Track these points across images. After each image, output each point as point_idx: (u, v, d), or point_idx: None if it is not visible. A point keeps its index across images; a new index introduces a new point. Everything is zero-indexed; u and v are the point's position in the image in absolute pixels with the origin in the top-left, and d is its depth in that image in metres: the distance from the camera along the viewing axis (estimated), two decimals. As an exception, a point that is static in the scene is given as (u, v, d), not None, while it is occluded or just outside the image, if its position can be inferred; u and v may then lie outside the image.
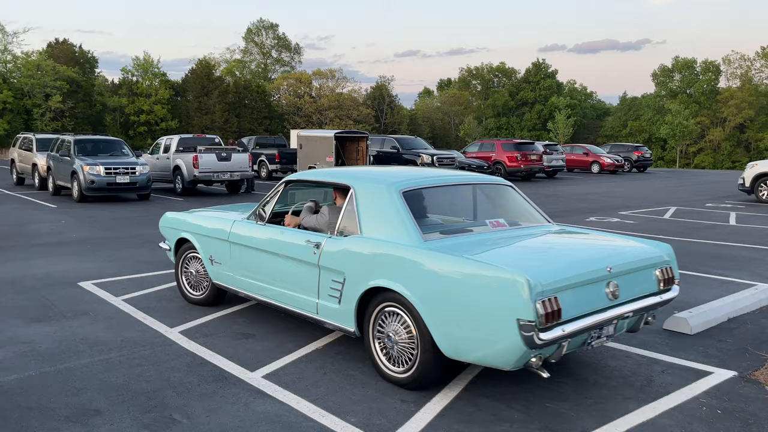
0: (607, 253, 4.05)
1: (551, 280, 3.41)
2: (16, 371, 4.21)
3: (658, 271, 4.11)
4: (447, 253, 3.75)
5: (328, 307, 4.37)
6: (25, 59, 49.86)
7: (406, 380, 3.95)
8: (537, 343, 3.29)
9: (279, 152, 24.42)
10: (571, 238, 4.56)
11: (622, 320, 3.86)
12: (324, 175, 5.02)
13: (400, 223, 4.04)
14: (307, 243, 4.51)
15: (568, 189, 21.61)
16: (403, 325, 3.93)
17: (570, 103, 73.58)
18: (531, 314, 3.25)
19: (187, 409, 3.68)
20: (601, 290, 3.69)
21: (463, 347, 3.61)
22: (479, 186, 4.93)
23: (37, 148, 18.41)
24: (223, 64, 67.79)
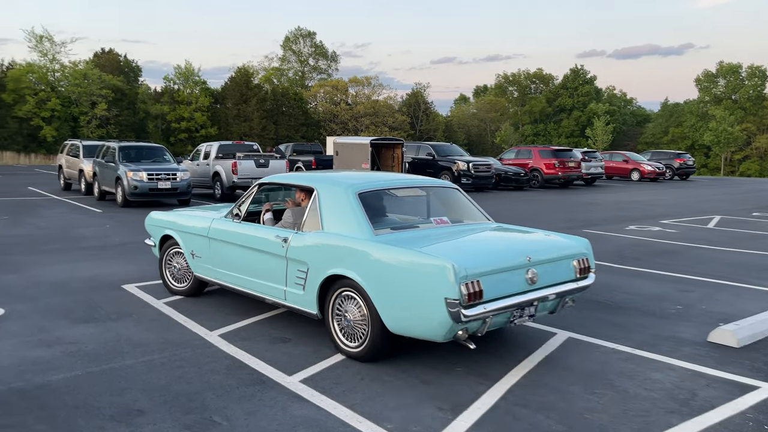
0: (529, 246, 4.79)
1: (474, 266, 4.07)
2: (63, 371, 4.35)
3: (575, 262, 4.82)
4: (392, 245, 4.40)
5: (295, 294, 4.97)
6: (72, 68, 51.56)
7: (359, 354, 4.57)
8: (462, 319, 3.96)
9: (315, 159, 24.66)
10: (502, 234, 5.24)
11: (542, 302, 4.53)
12: (291, 179, 5.65)
13: (354, 220, 4.68)
14: (277, 238, 5.12)
15: (607, 197, 21.22)
16: (357, 307, 4.55)
17: (609, 109, 72.37)
18: (456, 294, 3.91)
19: (226, 411, 3.74)
20: (521, 276, 4.36)
21: (404, 324, 4.26)
22: (429, 189, 5.67)
23: (84, 154, 19.00)
24: (261, 72, 68.89)
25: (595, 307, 6.35)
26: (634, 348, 5.04)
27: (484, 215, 5.54)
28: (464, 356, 4.77)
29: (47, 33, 51.43)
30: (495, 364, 4.62)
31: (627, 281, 7.58)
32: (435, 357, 4.74)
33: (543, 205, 17.84)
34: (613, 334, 5.43)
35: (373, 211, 4.83)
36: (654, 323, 5.79)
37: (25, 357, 4.60)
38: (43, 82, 49.85)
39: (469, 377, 4.35)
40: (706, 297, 6.82)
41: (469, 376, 4.38)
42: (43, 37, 51.06)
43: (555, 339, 5.25)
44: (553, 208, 16.76)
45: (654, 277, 7.84)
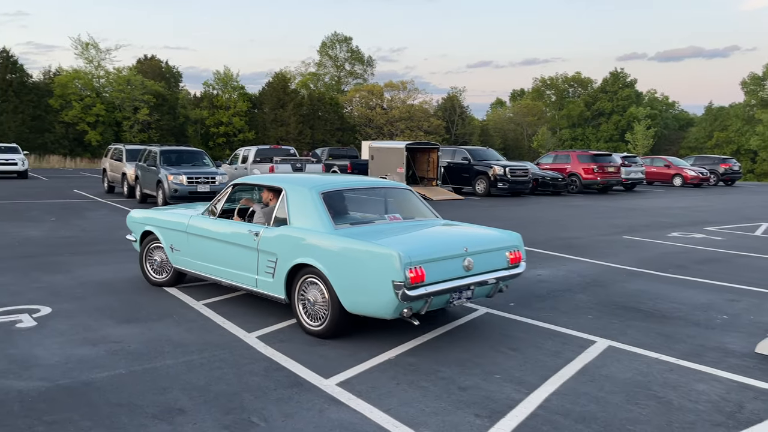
0: (467, 239, 5.45)
1: (417, 255, 4.74)
2: (107, 369, 4.47)
3: (508, 253, 5.52)
4: (350, 237, 5.06)
5: (265, 281, 5.60)
6: (116, 75, 53.07)
7: (321, 332, 5.21)
8: (406, 298, 4.62)
9: (351, 163, 24.79)
10: (446, 229, 5.87)
11: (478, 287, 5.19)
12: (262, 180, 6.32)
13: (317, 216, 5.34)
14: (249, 232, 5.75)
15: (649, 203, 20.74)
16: (319, 291, 5.19)
17: (650, 113, 70.78)
18: (401, 277, 4.57)
19: (264, 413, 3.78)
20: (458, 264, 5.01)
21: (359, 305, 4.91)
22: (385, 190, 6.35)
23: (126, 158, 19.51)
24: (298, 77, 69.67)
25: (637, 315, 6.21)
26: (679, 358, 4.90)
27: (433, 213, 6.23)
28: (502, 364, 4.72)
29: (93, 40, 53.06)
30: (533, 371, 4.56)
31: (671, 289, 7.39)
32: (472, 364, 4.70)
33: (580, 210, 17.54)
34: (656, 343, 5.29)
35: (334, 209, 5.49)
36: (699, 333, 5.63)
37: (72, 355, 4.74)
38: (88, 88, 51.43)
39: (506, 384, 4.30)
40: (753, 307, 6.60)
41: (506, 383, 4.32)
42: (89, 45, 52.70)
43: (594, 347, 5.14)
44: (591, 214, 16.46)
45: (699, 286, 7.62)
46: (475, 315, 6.08)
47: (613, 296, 7.01)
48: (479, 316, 6.04)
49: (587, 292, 7.22)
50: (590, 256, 9.67)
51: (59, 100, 49.47)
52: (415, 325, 4.68)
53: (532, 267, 8.67)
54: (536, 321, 5.92)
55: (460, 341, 5.25)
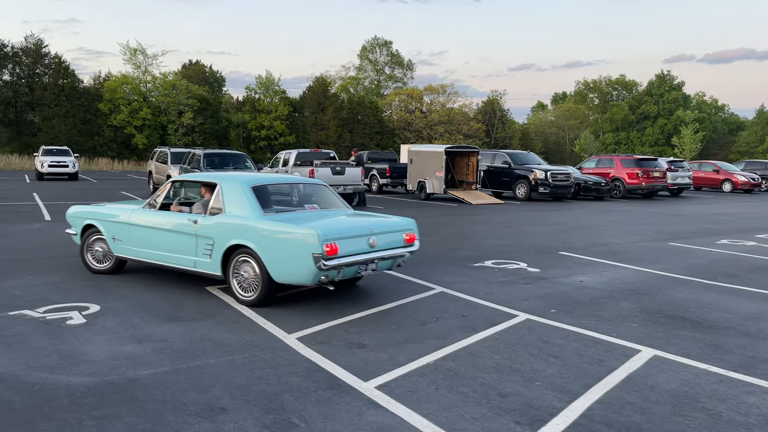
0: (372, 223, 6.58)
1: (332, 233, 5.90)
2: (152, 366, 4.58)
3: (405, 234, 6.73)
4: (277, 222, 6.19)
5: (203, 262, 6.58)
6: (162, 79, 54.56)
7: (253, 301, 6.24)
8: (323, 268, 5.75)
9: (390, 167, 24.81)
10: (355, 216, 7.02)
11: (381, 261, 6.37)
12: (198, 177, 7.57)
13: (249, 205, 6.39)
14: (188, 221, 6.73)
15: (696, 209, 20.13)
16: (251, 267, 6.22)
17: (698, 116, 68.84)
18: (320, 251, 5.71)
19: (304, 414, 3.81)
20: (365, 242, 6.20)
21: (286, 275, 5.99)
22: (304, 185, 7.65)
23: (171, 161, 20.02)
24: (338, 81, 70.29)
25: (684, 324, 6.03)
26: (728, 370, 4.74)
27: (344, 204, 7.44)
28: (542, 371, 4.65)
29: (141, 46, 54.83)
30: (575, 379, 4.47)
31: (719, 299, 7.16)
32: (512, 370, 4.65)
33: (624, 216, 17.15)
34: (704, 354, 5.13)
35: (262, 199, 6.54)
36: (750, 344, 5.42)
37: (119, 352, 4.88)
38: (135, 93, 53.02)
39: (547, 391, 4.23)
40: (809, 318, 6.32)
41: (547, 390, 4.25)
42: (137, 51, 54.37)
43: (639, 356, 5.01)
44: (635, 220, 16.07)
45: (750, 295, 7.35)
46: (515, 321, 6.01)
47: (658, 304, 6.82)
48: (519, 322, 5.96)
49: (631, 299, 7.04)
50: (634, 262, 9.44)
51: (108, 105, 51.16)
52: (331, 289, 6.37)
53: (574, 273, 8.51)
54: (578, 328, 5.80)
55: (500, 347, 5.20)
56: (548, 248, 10.74)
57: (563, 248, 10.75)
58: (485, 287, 7.48)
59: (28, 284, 7.17)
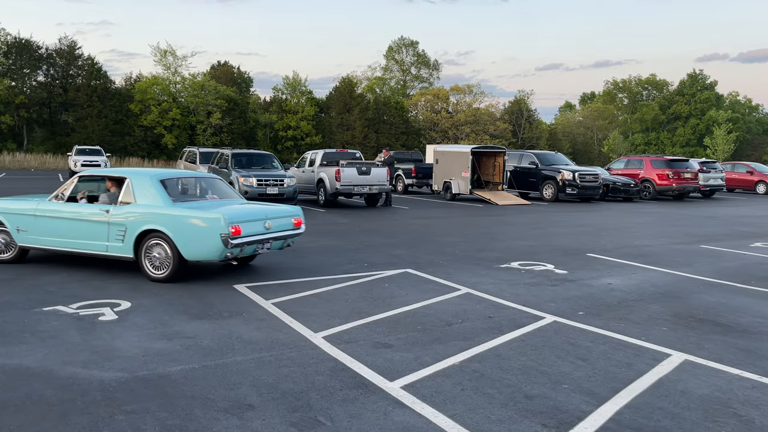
0: (267, 210, 7.88)
1: (235, 217, 7.14)
2: (182, 363, 4.66)
3: (293, 219, 8.04)
4: (187, 209, 7.33)
5: (115, 246, 7.49)
6: (191, 80, 55.31)
7: (165, 277, 7.27)
8: (229, 246, 6.98)
9: (415, 167, 24.79)
10: (251, 204, 8.35)
11: (274, 241, 7.66)
12: (105, 172, 8.36)
13: (159, 196, 7.44)
14: (100, 210, 7.62)
15: (728, 211, 19.69)
16: (163, 249, 7.27)
17: (731, 117, 67.34)
18: (226, 231, 6.94)
19: (330, 412, 3.83)
20: (261, 225, 7.48)
21: (196, 254, 7.17)
22: (204, 179, 8.77)
23: (200, 160, 20.28)
24: (364, 82, 70.40)
25: (716, 329, 5.91)
26: (762, 375, 4.63)
27: (239, 195, 8.74)
28: (570, 374, 4.60)
29: (171, 48, 55.55)
30: (603, 382, 4.42)
31: (753, 303, 6.99)
32: (538, 372, 4.61)
33: (654, 217, 16.85)
34: (737, 359, 5.02)
35: (170, 190, 7.61)
36: (785, 350, 5.29)
37: (149, 348, 4.97)
38: (165, 94, 53.86)
39: (574, 395, 4.18)
40: None
41: (574, 393, 4.21)
42: (167, 52, 55.19)
43: (669, 360, 4.93)
44: (666, 222, 15.79)
45: (784, 300, 7.17)
46: (542, 323, 5.96)
47: (689, 308, 6.70)
48: (546, 324, 5.91)
49: (661, 302, 6.93)
50: (664, 265, 9.28)
51: (139, 105, 52.08)
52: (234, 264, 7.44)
53: (602, 275, 8.41)
54: (606, 331, 5.73)
55: (526, 349, 5.16)
56: (576, 250, 10.62)
57: (591, 250, 10.62)
58: (511, 288, 7.43)
59: (62, 281, 7.35)
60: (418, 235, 12.28)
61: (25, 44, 50.51)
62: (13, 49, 50.34)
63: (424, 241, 11.31)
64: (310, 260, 9.09)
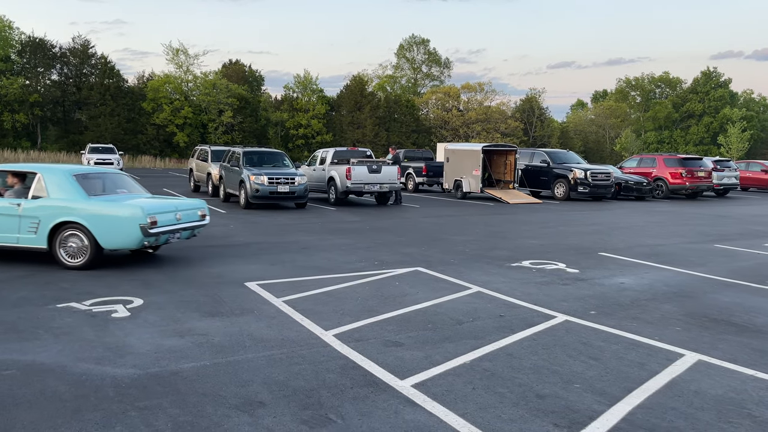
0: (177, 203, 8.57)
1: (152, 209, 7.83)
2: (193, 360, 4.68)
3: (199, 211, 8.82)
4: (104, 201, 7.94)
5: (27, 238, 7.88)
6: (203, 79, 55.58)
7: (81, 266, 7.78)
8: (147, 235, 7.67)
9: (426, 165, 24.74)
10: (160, 198, 8.85)
11: (184, 231, 8.36)
12: (12, 167, 8.62)
13: (74, 190, 7.90)
14: (10, 204, 7.95)
15: (742, 210, 19.49)
16: (79, 239, 7.77)
17: (746, 115, 66.65)
18: (145, 222, 7.62)
19: (341, 410, 3.84)
20: (173, 217, 8.17)
21: (115, 242, 7.77)
22: (113, 174, 9.16)
23: (212, 158, 20.37)
24: (375, 80, 70.37)
25: (730, 329, 5.85)
26: (777, 376, 4.58)
27: (145, 190, 9.21)
28: (582, 373, 4.57)
29: (183, 47, 55.92)
30: (615, 382, 4.39)
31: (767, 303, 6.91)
32: (550, 372, 4.59)
33: (667, 216, 16.72)
34: (752, 359, 4.96)
35: (83, 185, 8.01)
36: (800, 351, 5.22)
37: (161, 345, 5.00)
38: (177, 92, 54.15)
39: (586, 394, 4.16)
40: None
41: (586, 393, 4.19)
42: (179, 51, 55.49)
43: (683, 360, 4.89)
44: (679, 221, 15.65)
45: (800, 300, 7.08)
46: (553, 322, 5.93)
47: (702, 308, 6.64)
48: (557, 324, 5.88)
49: (674, 302, 6.87)
50: (677, 264, 9.20)
51: (151, 104, 52.42)
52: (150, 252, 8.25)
53: (614, 274, 8.35)
54: (618, 330, 5.69)
55: (537, 348, 5.13)
56: (587, 249, 10.55)
57: (603, 249, 10.55)
58: (523, 287, 7.40)
59: (75, 278, 7.42)
60: (429, 233, 12.27)
61: (39, 43, 50.96)
62: (27, 48, 50.83)
63: (435, 240, 11.29)
64: (320, 258, 9.10)
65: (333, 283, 7.41)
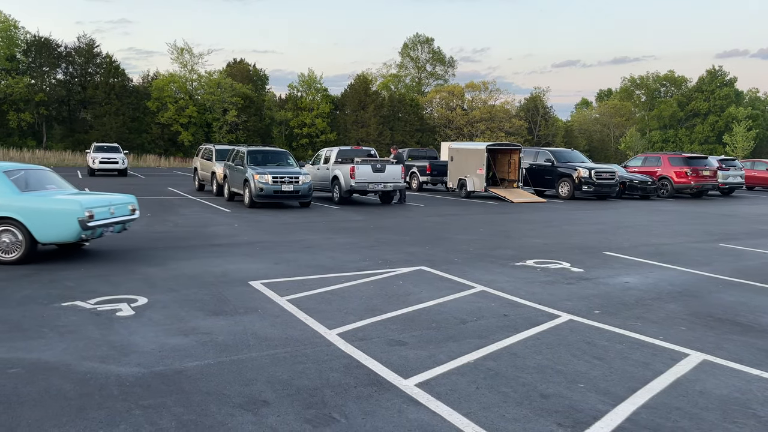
0: (110, 197, 8.87)
1: (89, 204, 8.10)
2: (197, 358, 4.69)
3: (130, 206, 9.10)
4: (39, 197, 8.19)
5: None
6: (208, 78, 55.64)
7: (15, 260, 7.95)
8: (85, 228, 7.92)
9: (430, 164, 24.73)
10: (92, 194, 9.09)
11: (116, 225, 8.67)
12: None
13: (5, 186, 8.04)
14: None
15: (748, 209, 19.41)
16: (13, 234, 7.95)
17: (751, 113, 66.34)
18: (84, 215, 7.89)
19: (344, 409, 3.84)
20: (108, 211, 8.48)
21: (52, 237, 8.02)
22: (41, 171, 9.26)
23: (216, 158, 20.40)
24: (379, 79, 70.33)
25: (735, 329, 5.82)
26: (782, 376, 4.56)
27: (72, 185, 9.42)
28: (586, 373, 4.56)
29: (187, 46, 55.92)
30: (619, 382, 4.37)
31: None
32: (554, 371, 4.58)
33: (671, 215, 16.66)
34: (756, 359, 4.94)
35: (15, 181, 8.16)
36: (806, 351, 5.20)
37: (165, 343, 5.01)
38: (182, 91, 54.24)
39: (590, 394, 4.15)
40: None
41: (590, 393, 4.18)
42: (184, 50, 55.56)
43: (687, 360, 4.87)
44: (684, 220, 15.60)
45: (805, 300, 7.04)
46: (558, 321, 5.91)
47: (707, 307, 6.61)
48: (562, 323, 5.87)
49: (679, 301, 6.84)
50: (682, 264, 9.17)
51: (156, 103, 52.52)
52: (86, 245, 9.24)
53: (619, 274, 8.33)
54: (623, 330, 5.68)
55: (541, 347, 5.13)
56: (592, 248, 10.53)
57: (608, 248, 10.52)
58: (527, 287, 7.39)
59: (80, 276, 7.44)
60: (433, 232, 12.26)
61: (44, 43, 51.10)
62: (32, 47, 50.96)
63: (439, 239, 11.28)
64: (324, 257, 9.10)
65: (337, 282, 7.42)
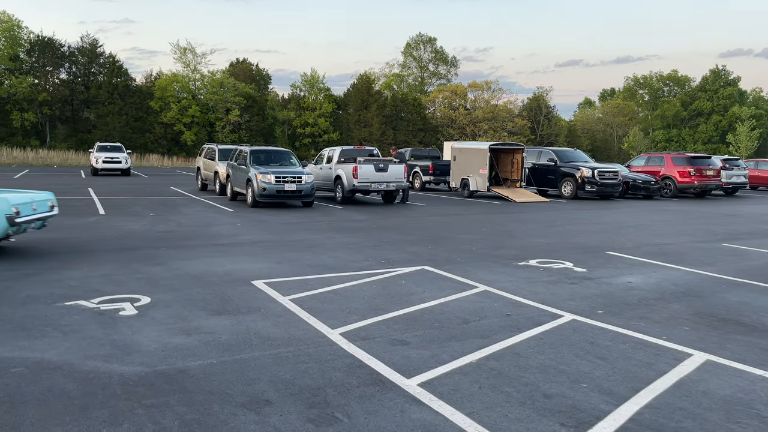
0: (32, 195, 8.93)
1: (15, 201, 8.24)
2: (200, 358, 4.69)
3: (49, 203, 9.24)
4: None
5: None
6: (210, 78, 55.70)
7: None
8: (13, 224, 8.08)
9: (433, 164, 24.72)
10: (17, 192, 9.04)
11: (37, 221, 8.83)
12: None
13: None
14: None
15: (751, 209, 19.36)
16: None
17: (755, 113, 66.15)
18: (11, 212, 8.05)
19: (347, 409, 3.84)
20: (30, 208, 8.59)
21: None
22: None
23: (219, 157, 20.41)
24: (382, 79, 70.30)
25: (738, 329, 5.81)
26: (786, 377, 4.54)
27: (16, 190, 9.46)
28: (589, 373, 4.56)
29: (190, 45, 56.04)
30: (622, 382, 4.37)
31: (776, 302, 6.86)
32: (557, 371, 4.57)
33: (675, 215, 16.63)
34: (760, 359, 4.93)
35: None
36: (810, 351, 5.18)
37: (169, 343, 5.02)
38: (185, 91, 54.33)
39: (593, 394, 4.14)
40: None
41: (593, 393, 4.17)
42: (187, 50, 55.65)
43: (691, 360, 4.86)
44: (687, 220, 15.56)
45: (809, 300, 7.02)
46: (560, 321, 5.91)
47: (711, 307, 6.60)
48: (564, 323, 5.86)
49: (682, 301, 6.83)
50: (685, 263, 9.14)
51: (159, 102, 52.62)
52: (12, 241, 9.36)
53: (622, 273, 8.31)
54: (626, 330, 5.66)
55: (544, 347, 5.12)
56: (595, 248, 10.51)
57: (610, 248, 10.51)
58: (529, 286, 7.38)
59: (84, 276, 7.46)
60: (436, 232, 12.25)
61: (47, 42, 51.22)
62: (36, 47, 51.09)
63: (442, 239, 11.27)
64: (327, 257, 9.11)
65: (339, 281, 7.42)
